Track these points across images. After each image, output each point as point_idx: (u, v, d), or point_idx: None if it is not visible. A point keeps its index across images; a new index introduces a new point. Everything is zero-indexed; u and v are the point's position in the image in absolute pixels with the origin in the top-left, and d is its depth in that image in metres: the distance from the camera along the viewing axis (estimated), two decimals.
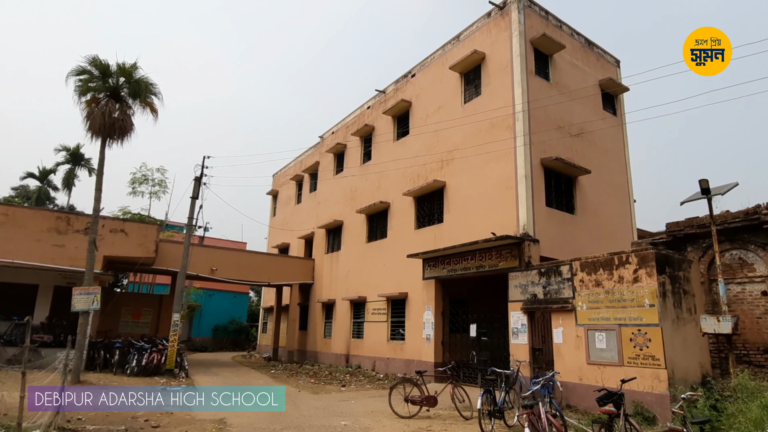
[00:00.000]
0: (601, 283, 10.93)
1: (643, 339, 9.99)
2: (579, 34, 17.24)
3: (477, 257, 14.34)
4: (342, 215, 22.67)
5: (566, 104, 15.47)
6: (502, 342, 13.55)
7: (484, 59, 15.96)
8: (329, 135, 25.81)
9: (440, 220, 16.66)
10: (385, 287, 18.51)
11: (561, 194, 14.91)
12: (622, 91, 17.74)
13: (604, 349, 10.69)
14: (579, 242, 14.55)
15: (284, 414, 10.07)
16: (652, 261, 10.00)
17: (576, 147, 15.43)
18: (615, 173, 16.97)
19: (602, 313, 10.83)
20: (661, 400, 9.29)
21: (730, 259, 10.93)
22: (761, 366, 10.10)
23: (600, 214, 15.87)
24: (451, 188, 16.33)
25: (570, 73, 16.20)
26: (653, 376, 9.65)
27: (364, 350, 19.30)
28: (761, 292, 10.43)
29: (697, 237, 11.28)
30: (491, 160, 14.73)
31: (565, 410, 10.50)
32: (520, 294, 12.78)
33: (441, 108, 17.54)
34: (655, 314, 9.85)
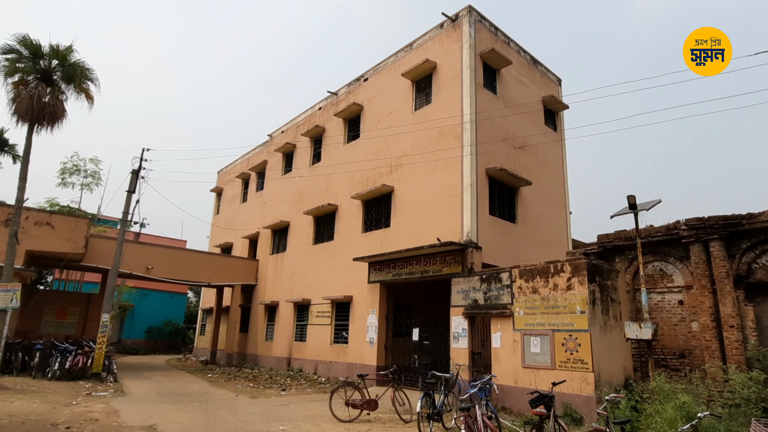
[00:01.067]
0: (538, 290, 11.43)
1: (573, 344, 10.55)
2: (525, 51, 18.02)
3: (422, 262, 14.58)
4: (289, 216, 22.33)
5: (511, 118, 16.12)
6: (443, 346, 13.83)
7: (435, 68, 16.31)
8: (279, 134, 25.37)
9: (387, 225, 16.80)
10: (330, 290, 18.40)
11: (504, 203, 15.49)
12: (562, 108, 18.72)
13: (538, 353, 11.16)
14: (519, 250, 15.16)
15: (220, 419, 9.76)
16: (584, 270, 10.60)
17: (519, 159, 16.09)
18: (554, 185, 17.85)
19: (538, 319, 11.32)
20: (588, 401, 9.82)
21: (653, 270, 11.78)
22: (677, 369, 10.94)
23: (539, 224, 16.63)
24: (399, 193, 16.52)
25: (515, 88, 16.90)
26: (582, 379, 10.19)
27: (306, 353, 19.06)
28: (678, 302, 11.31)
29: (624, 249, 12.07)
30: (439, 168, 15.05)
31: (501, 412, 10.87)
32: (462, 299, 13.11)
33: (392, 113, 17.73)
34: (585, 320, 10.43)
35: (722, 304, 10.42)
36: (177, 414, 10.23)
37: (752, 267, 10.42)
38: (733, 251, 10.56)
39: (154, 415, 9.93)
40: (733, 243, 10.59)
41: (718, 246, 10.60)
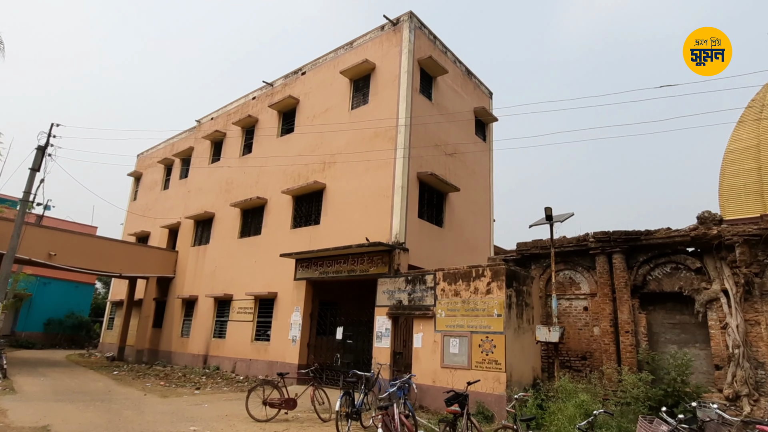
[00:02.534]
0: (460, 293, 11.87)
1: (489, 345, 11.07)
2: (461, 62, 18.65)
3: (350, 261, 14.60)
4: (214, 207, 21.40)
5: (444, 125, 16.60)
6: (366, 345, 13.94)
7: (374, 70, 16.41)
8: (208, 121, 24.24)
9: (317, 222, 16.64)
10: (254, 286, 17.88)
11: (432, 208, 15.91)
12: (492, 120, 19.59)
13: (456, 354, 11.59)
14: (444, 254, 15.65)
15: (124, 420, 9.15)
16: (503, 276, 11.17)
17: (449, 165, 16.61)
18: (480, 193, 18.62)
19: (458, 321, 11.76)
20: (499, 400, 10.34)
21: (563, 277, 12.67)
22: (579, 370, 11.83)
23: (464, 229, 17.27)
24: (330, 191, 16.42)
25: (450, 97, 17.43)
26: (495, 379, 10.72)
27: (225, 351, 18.38)
28: (583, 308, 12.26)
29: (540, 257, 12.88)
30: (371, 168, 15.16)
31: (418, 411, 11.16)
32: (387, 299, 13.29)
33: (328, 110, 17.59)
34: (501, 323, 10.99)
35: (620, 311, 11.43)
36: (75, 414, 9.45)
37: (647, 278, 11.53)
38: (632, 263, 11.63)
39: (48, 414, 9.11)
40: (633, 256, 11.66)
41: (619, 258, 11.62)
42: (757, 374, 9.80)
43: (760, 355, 9.85)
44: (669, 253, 11.28)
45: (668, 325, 11.40)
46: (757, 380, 9.78)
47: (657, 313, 11.52)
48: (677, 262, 11.20)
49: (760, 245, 10.14)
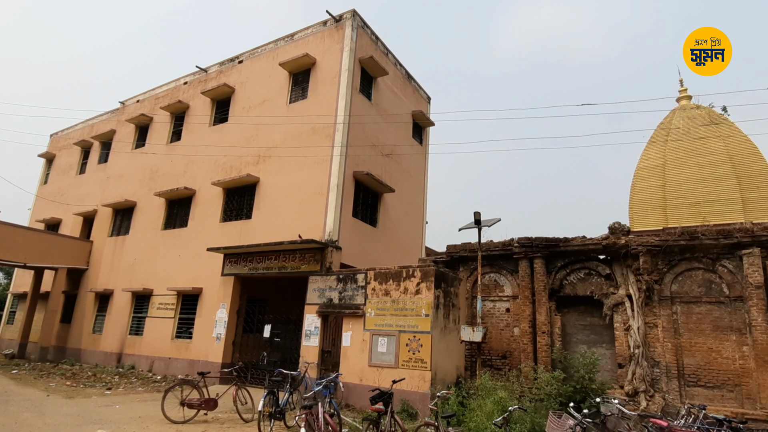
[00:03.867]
0: (390, 293, 12.03)
1: (416, 344, 11.32)
2: (401, 65, 18.90)
3: (281, 258, 14.32)
4: (136, 195, 20.10)
5: (382, 126, 16.74)
6: (295, 344, 13.74)
7: (314, 64, 16.20)
8: (133, 103, 22.72)
9: (249, 216, 16.15)
10: (177, 280, 17.01)
11: (367, 207, 15.99)
12: (429, 124, 20.04)
13: (384, 352, 11.73)
14: (377, 254, 15.79)
15: (22, 423, 8.36)
16: (432, 277, 11.46)
17: (385, 166, 16.78)
18: (414, 195, 18.98)
19: (387, 320, 11.91)
20: (423, 398, 10.59)
21: (489, 280, 13.23)
22: (499, 369, 12.42)
23: (397, 230, 17.52)
24: (264, 185, 16.00)
25: (389, 99, 17.61)
26: (420, 377, 10.97)
27: (142, 349, 17.33)
28: (506, 309, 12.88)
29: (468, 259, 13.36)
30: (308, 165, 14.96)
31: (344, 409, 11.16)
32: (317, 297, 13.18)
33: (265, 102, 17.13)
34: (429, 323, 11.27)
35: (539, 313, 12.14)
36: None
37: (563, 283, 12.34)
38: (551, 268, 12.39)
39: None
40: (552, 261, 12.43)
41: (540, 263, 12.33)
42: (653, 372, 10.79)
43: (657, 355, 10.86)
44: (583, 260, 12.14)
45: (580, 326, 12.26)
46: (653, 377, 10.77)
47: (571, 315, 12.36)
48: (590, 269, 12.08)
49: (661, 255, 11.18)
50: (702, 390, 10.45)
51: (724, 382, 10.27)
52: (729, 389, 10.19)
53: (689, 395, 10.48)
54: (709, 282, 10.84)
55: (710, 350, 10.52)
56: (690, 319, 10.84)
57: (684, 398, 10.41)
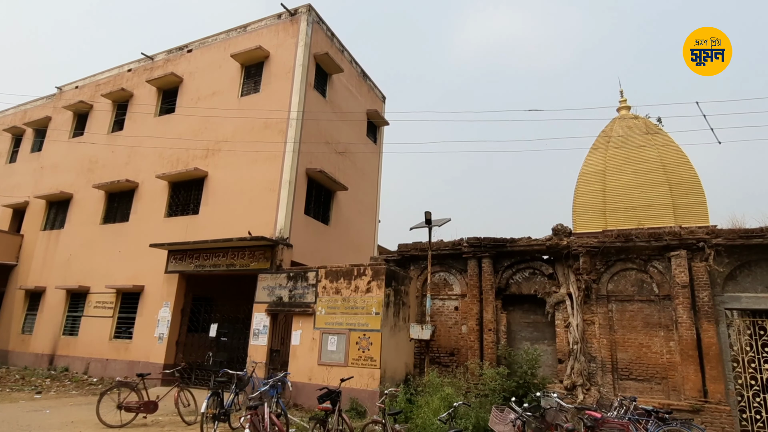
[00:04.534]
0: (340, 291, 11.99)
1: (366, 343, 11.36)
2: (357, 63, 18.86)
3: (229, 255, 13.94)
4: (73, 187, 18.93)
5: (336, 123, 16.65)
6: (242, 343, 13.42)
7: (268, 58, 15.86)
8: (71, 89, 21.37)
9: (196, 212, 15.60)
10: (117, 278, 16.18)
11: (320, 205, 15.85)
12: (383, 123, 20.13)
13: (334, 351, 11.70)
14: (329, 252, 15.69)
15: None
16: (383, 275, 11.53)
17: (339, 164, 16.70)
18: (367, 194, 19.00)
19: (337, 318, 11.88)
20: (372, 395, 10.65)
21: (439, 279, 13.46)
22: (447, 366, 12.66)
23: (350, 228, 17.49)
24: (213, 180, 15.51)
25: (344, 96, 17.53)
26: (369, 376, 11.01)
27: (77, 350, 16.35)
28: (454, 307, 13.15)
29: (418, 258, 13.53)
30: (259, 160, 14.64)
31: (292, 409, 11.04)
32: (266, 296, 12.94)
33: (216, 94, 16.60)
34: (379, 321, 11.34)
35: (485, 311, 12.48)
36: None
37: (509, 282, 12.75)
38: (498, 268, 12.77)
39: None
40: (499, 261, 12.81)
41: (488, 262, 12.68)
42: (590, 367, 11.36)
43: (593, 351, 11.45)
44: (528, 260, 12.59)
45: (524, 323, 12.72)
46: (590, 372, 11.34)
47: (516, 313, 12.79)
48: (534, 268, 12.55)
49: (599, 256, 11.79)
50: (633, 383, 11.11)
51: (653, 375, 10.97)
52: (657, 382, 10.89)
53: (622, 388, 11.11)
54: (641, 281, 11.55)
55: (641, 345, 11.21)
56: (624, 317, 11.50)
57: (617, 391, 11.02)
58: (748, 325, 10.70)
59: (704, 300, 10.64)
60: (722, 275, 10.79)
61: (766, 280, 10.60)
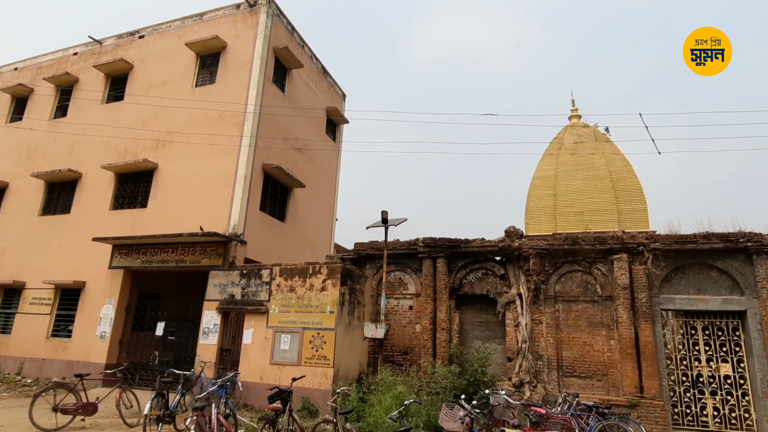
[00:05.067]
0: (295, 289, 11.84)
1: (320, 341, 11.27)
2: (317, 59, 18.67)
3: (179, 251, 13.46)
4: (9, 175, 17.70)
5: (295, 119, 16.41)
6: (191, 342, 13.00)
7: (225, 48, 15.42)
8: (10, 71, 19.96)
9: (144, 205, 14.96)
10: (56, 272, 15.26)
11: (276, 201, 15.58)
12: (343, 121, 20.02)
13: (287, 350, 11.54)
14: (285, 249, 15.45)
15: None
16: (338, 274, 11.47)
17: (296, 160, 16.47)
18: (325, 191, 18.85)
19: (291, 317, 11.72)
20: (325, 395, 10.58)
21: (394, 278, 13.55)
22: (400, 364, 12.76)
23: (307, 226, 17.29)
24: (163, 172, 14.92)
25: (303, 92, 17.30)
26: (323, 374, 10.94)
27: (9, 349, 15.30)
28: (409, 307, 13.28)
29: (374, 257, 13.56)
30: (214, 154, 14.22)
31: (242, 410, 10.79)
32: (218, 293, 12.59)
33: (168, 83, 15.97)
34: (333, 320, 11.28)
35: (439, 311, 12.67)
36: None
37: (463, 282, 13.01)
38: (452, 268, 13.00)
39: None
40: (453, 261, 13.04)
41: (442, 263, 12.88)
42: (537, 365, 11.77)
43: (540, 349, 11.87)
44: (482, 261, 12.89)
45: (476, 323, 13.01)
46: (537, 369, 11.75)
47: (468, 312, 13.07)
48: (487, 269, 12.86)
49: (548, 258, 12.23)
50: (577, 380, 11.61)
51: (594, 372, 11.51)
52: (598, 378, 11.43)
53: (566, 385, 11.59)
54: (586, 283, 12.08)
55: (585, 344, 11.72)
56: (569, 316, 11.99)
57: (562, 387, 11.48)
58: (681, 325, 11.42)
59: (642, 301, 11.25)
60: (659, 278, 11.45)
61: (698, 282, 11.34)
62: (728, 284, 11.15)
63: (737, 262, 11.06)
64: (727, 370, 10.91)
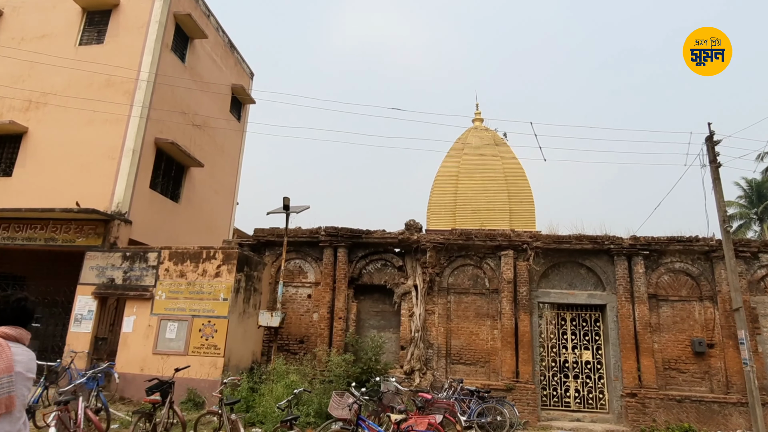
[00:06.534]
0: (186, 275, 11.16)
1: (210, 330, 10.76)
2: (225, 32, 17.60)
3: (50, 228, 11.99)
4: None
5: (196, 93, 15.35)
6: (60, 330, 11.72)
7: (117, 7, 13.90)
8: None
9: (8, 174, 13.08)
10: None
11: (169, 180, 14.48)
12: (249, 101, 19.14)
13: (173, 339, 10.86)
14: (177, 232, 14.45)
15: None
16: (235, 260, 11.01)
17: (195, 138, 15.44)
18: (226, 174, 17.93)
19: (180, 304, 11.04)
20: (214, 385, 10.12)
21: (294, 266, 13.33)
22: (295, 353, 12.60)
23: (204, 209, 16.32)
24: (35, 137, 13.14)
25: (207, 65, 16.23)
26: (212, 364, 10.48)
27: None
28: (308, 295, 13.15)
29: (275, 244, 13.21)
30: (97, 121, 12.81)
31: (117, 403, 10.01)
32: (95, 277, 11.44)
33: (46, 37, 14.04)
34: (227, 308, 10.83)
35: (337, 300, 12.72)
36: None
37: (362, 272, 13.18)
38: (352, 258, 13.10)
39: None
40: (354, 251, 13.15)
41: (343, 252, 12.93)
42: (427, 353, 12.33)
43: (432, 338, 12.45)
44: (381, 252, 13.16)
45: (373, 312, 13.27)
46: (427, 358, 12.31)
47: (366, 302, 13.28)
48: (386, 260, 13.16)
49: (443, 252, 12.83)
50: (463, 366, 12.36)
51: (478, 359, 12.35)
52: (481, 365, 12.29)
53: (453, 371, 12.29)
54: (476, 276, 12.88)
55: (471, 333, 12.52)
56: (460, 307, 12.71)
57: (449, 374, 12.16)
58: (554, 316, 12.65)
59: (523, 294, 12.28)
60: (538, 273, 12.57)
61: (570, 279, 12.65)
62: (593, 281, 12.57)
63: (602, 262, 12.50)
64: (588, 356, 12.32)
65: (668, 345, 11.86)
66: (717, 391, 11.38)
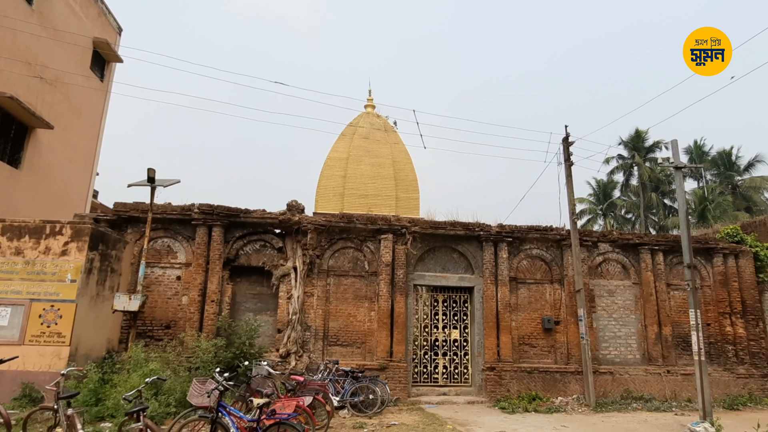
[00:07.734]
0: (23, 252, 9.67)
1: (54, 315, 9.48)
2: None
3: None
4: None
5: (46, 42, 13.19)
6: None
7: None
8: None
9: None
10: None
11: (7, 141, 12.33)
12: (116, 59, 16.97)
13: (5, 326, 9.43)
14: (17, 202, 12.42)
15: None
16: (87, 236, 9.77)
17: (44, 95, 13.31)
18: (84, 139, 15.77)
19: (14, 286, 9.59)
20: (56, 378, 8.94)
21: (162, 245, 12.24)
22: (160, 339, 11.63)
23: (54, 177, 14.22)
24: None
25: (62, 12, 14.01)
26: (54, 354, 9.28)
27: None
28: (177, 277, 12.19)
29: (139, 221, 11.97)
30: None
31: None
32: None
33: None
34: (75, 291, 9.61)
35: (210, 282, 11.98)
36: None
37: (239, 253, 12.56)
38: (229, 238, 12.42)
39: None
40: (230, 231, 12.46)
41: (219, 232, 12.18)
42: (305, 335, 12.20)
43: (310, 320, 12.34)
44: (261, 232, 12.65)
45: (250, 295, 12.76)
46: (305, 340, 12.19)
47: (242, 284, 12.71)
48: (266, 241, 12.69)
49: (324, 234, 12.74)
50: (340, 348, 12.46)
51: (355, 340, 12.54)
52: (358, 346, 12.50)
53: (330, 353, 12.33)
54: (356, 259, 13.01)
55: (349, 315, 12.65)
56: (339, 290, 12.75)
57: (326, 356, 12.17)
58: (428, 298, 13.30)
59: (400, 277, 12.70)
60: (415, 257, 13.08)
61: (443, 263, 13.37)
62: (464, 265, 13.43)
63: (472, 247, 13.40)
64: (456, 335, 13.20)
65: (524, 323, 13.15)
66: (560, 362, 12.93)
